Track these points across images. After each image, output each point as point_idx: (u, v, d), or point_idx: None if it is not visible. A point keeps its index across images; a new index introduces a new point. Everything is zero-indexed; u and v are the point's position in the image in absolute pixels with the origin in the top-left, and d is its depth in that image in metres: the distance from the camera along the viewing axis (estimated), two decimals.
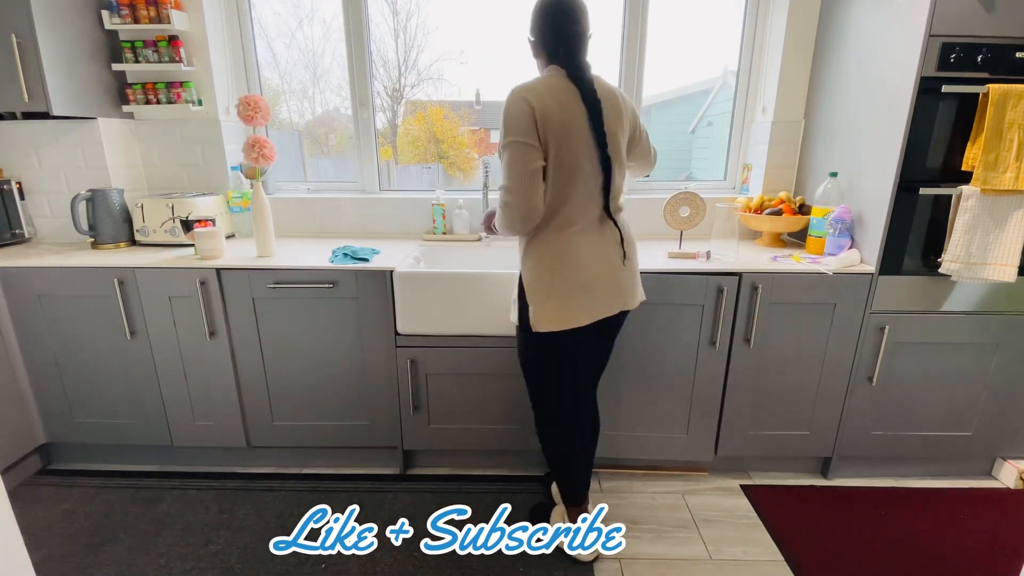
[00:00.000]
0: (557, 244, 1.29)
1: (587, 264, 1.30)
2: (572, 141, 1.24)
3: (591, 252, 1.31)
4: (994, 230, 1.58)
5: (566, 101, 1.24)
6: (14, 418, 1.85)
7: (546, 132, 1.22)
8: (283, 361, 1.85)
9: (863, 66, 1.76)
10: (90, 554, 1.58)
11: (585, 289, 1.31)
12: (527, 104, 1.21)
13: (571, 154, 1.24)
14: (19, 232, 2.05)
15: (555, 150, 1.24)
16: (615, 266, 1.35)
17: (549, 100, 1.22)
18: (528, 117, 1.21)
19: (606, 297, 1.34)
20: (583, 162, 1.26)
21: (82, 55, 1.92)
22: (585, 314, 1.32)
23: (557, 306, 1.30)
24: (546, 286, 1.30)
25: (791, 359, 1.79)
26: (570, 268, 1.29)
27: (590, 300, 1.32)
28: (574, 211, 1.29)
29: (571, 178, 1.26)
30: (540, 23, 1.29)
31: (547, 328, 1.32)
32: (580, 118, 1.24)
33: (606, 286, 1.33)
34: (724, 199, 2.20)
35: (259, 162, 1.78)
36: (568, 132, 1.23)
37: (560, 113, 1.22)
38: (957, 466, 1.96)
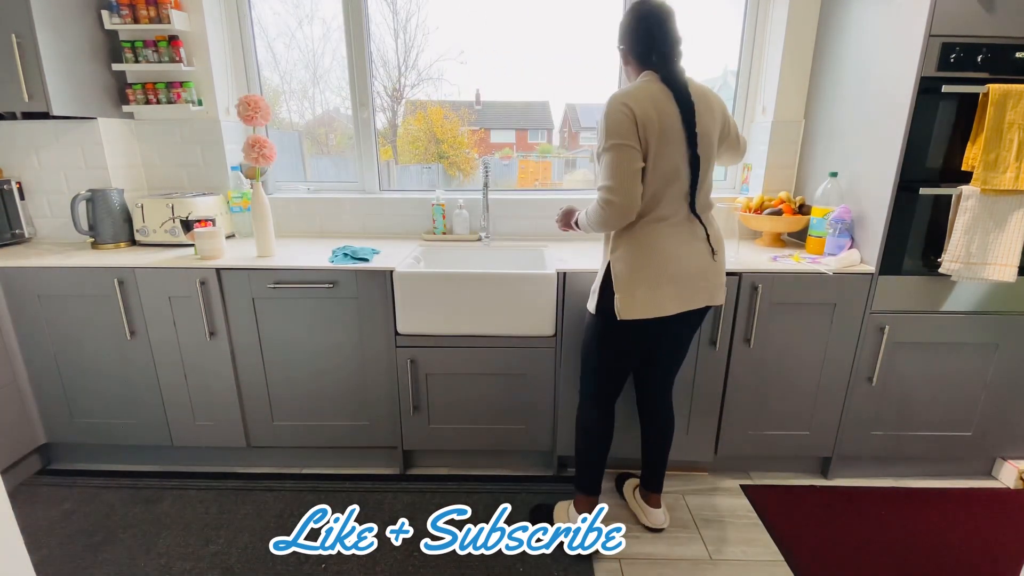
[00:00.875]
0: (649, 237, 1.34)
1: (678, 256, 1.35)
2: (669, 144, 1.29)
3: (682, 246, 1.36)
4: (994, 230, 1.58)
5: (663, 106, 1.28)
6: (14, 418, 1.85)
7: (646, 136, 1.27)
8: (283, 361, 1.85)
9: (863, 66, 1.76)
10: (90, 554, 1.58)
11: (674, 280, 1.35)
12: (627, 109, 1.26)
13: (668, 156, 1.29)
14: (19, 232, 2.05)
15: (654, 153, 1.29)
16: (705, 260, 1.39)
17: (647, 105, 1.27)
18: (629, 121, 1.26)
19: (694, 290, 1.38)
20: (679, 163, 1.31)
21: (82, 55, 1.92)
22: (673, 303, 1.36)
23: (646, 295, 1.35)
24: (637, 276, 1.35)
25: (791, 359, 1.79)
26: (661, 259, 1.34)
27: (679, 290, 1.36)
28: (666, 208, 1.34)
29: (667, 178, 1.31)
30: (633, 31, 1.33)
31: (635, 316, 1.36)
32: (676, 121, 1.29)
33: (695, 279, 1.37)
34: (724, 199, 2.20)
35: (259, 162, 1.78)
36: (666, 135, 1.28)
37: (658, 117, 1.27)
38: (957, 466, 1.96)
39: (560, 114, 2.45)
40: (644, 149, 1.28)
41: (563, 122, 2.47)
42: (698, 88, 1.34)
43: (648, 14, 1.31)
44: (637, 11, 1.32)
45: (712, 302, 1.42)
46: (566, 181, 2.48)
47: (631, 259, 1.35)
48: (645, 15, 1.31)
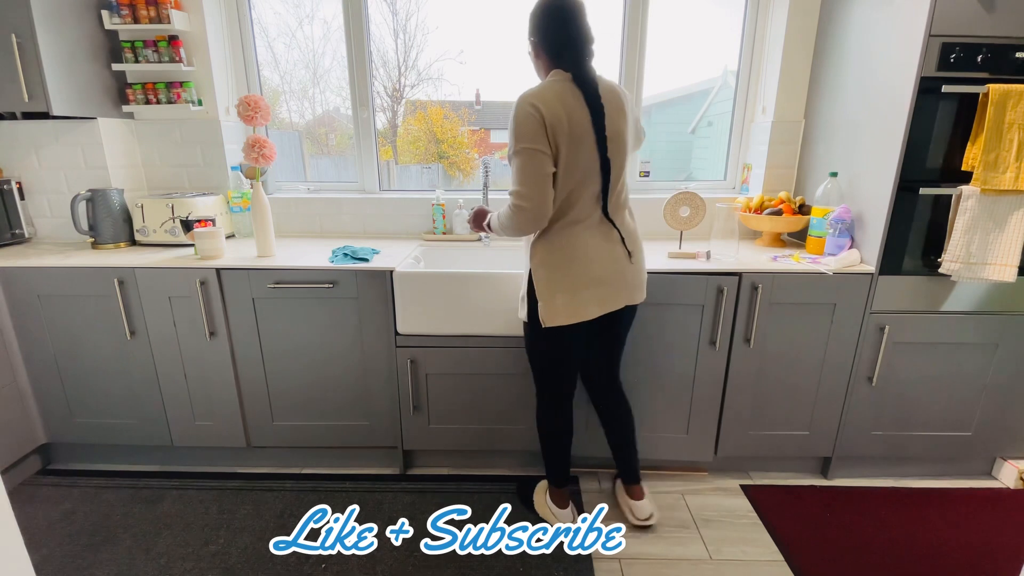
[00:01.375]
0: (565, 242, 1.34)
1: (595, 260, 1.35)
2: (580, 146, 1.27)
3: (598, 249, 1.36)
4: (994, 230, 1.58)
5: (572, 106, 1.25)
6: (14, 418, 1.85)
7: (556, 138, 1.24)
8: (283, 361, 1.85)
9: (863, 66, 1.76)
10: (90, 554, 1.58)
11: (594, 284, 1.36)
12: (536, 111, 1.23)
13: (579, 159, 1.28)
14: (19, 232, 2.05)
15: (565, 155, 1.26)
16: (622, 262, 1.39)
17: (557, 106, 1.24)
18: (538, 124, 1.23)
19: (614, 291, 1.39)
20: (589, 165, 1.30)
21: (82, 55, 1.92)
22: (595, 307, 1.37)
23: (567, 300, 1.35)
24: (556, 282, 1.35)
25: (791, 359, 1.79)
26: (580, 264, 1.34)
27: (599, 294, 1.37)
28: (580, 211, 1.33)
29: (579, 181, 1.30)
30: (542, 25, 1.29)
31: (556, 323, 1.37)
32: (586, 123, 1.27)
33: (614, 281, 1.38)
34: (724, 199, 2.20)
35: (259, 162, 1.78)
36: (575, 138, 1.26)
37: (568, 119, 1.24)
38: (957, 466, 1.96)
39: None
40: (554, 152, 1.25)
41: None
42: (607, 87, 1.32)
43: (561, 8, 1.26)
44: (547, 6, 1.28)
45: (632, 301, 1.44)
46: None
47: (550, 265, 1.35)
48: (558, 8, 1.27)
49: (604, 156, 1.29)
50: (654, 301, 1.72)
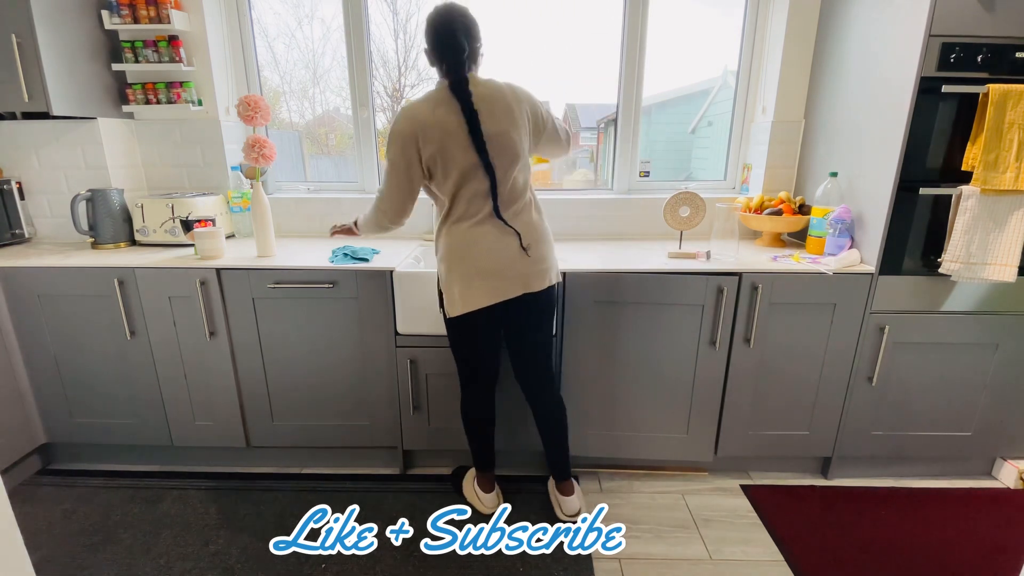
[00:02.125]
0: (456, 237, 1.44)
1: (484, 253, 1.42)
2: (451, 150, 1.36)
3: (487, 242, 1.43)
4: (994, 230, 1.58)
5: (444, 115, 1.35)
6: (14, 418, 1.85)
7: (426, 147, 1.36)
8: (283, 361, 1.85)
9: (863, 66, 1.76)
10: (90, 554, 1.58)
11: (483, 275, 1.43)
12: (407, 125, 1.36)
13: (451, 161, 1.37)
14: (19, 232, 2.05)
15: (438, 160, 1.38)
16: (514, 255, 1.45)
17: (428, 117, 1.35)
18: (409, 137, 1.37)
19: (504, 283, 1.45)
20: (465, 167, 1.37)
21: (82, 55, 1.92)
22: (485, 297, 1.44)
23: (461, 291, 1.44)
24: (452, 275, 1.45)
25: (791, 359, 1.79)
26: (471, 257, 1.43)
27: (489, 284, 1.44)
28: (467, 209, 1.42)
29: (457, 181, 1.39)
30: (426, 37, 1.39)
31: (455, 312, 1.47)
32: (459, 128, 1.35)
33: (504, 273, 1.44)
34: (724, 199, 2.19)
35: (259, 162, 1.78)
36: (445, 145, 1.35)
37: (439, 128, 1.35)
38: (957, 466, 1.96)
39: (560, 114, 2.45)
40: (426, 159, 1.38)
41: (563, 122, 2.47)
42: (492, 90, 1.39)
43: (433, 23, 1.36)
44: (428, 20, 1.37)
45: (528, 289, 1.47)
46: (566, 181, 2.48)
47: (446, 260, 1.46)
48: (431, 24, 1.36)
49: (484, 158, 1.36)
50: (654, 301, 1.72)
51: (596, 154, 2.47)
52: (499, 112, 1.38)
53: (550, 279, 1.51)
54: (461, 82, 1.35)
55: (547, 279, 1.50)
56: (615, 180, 2.32)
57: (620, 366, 1.80)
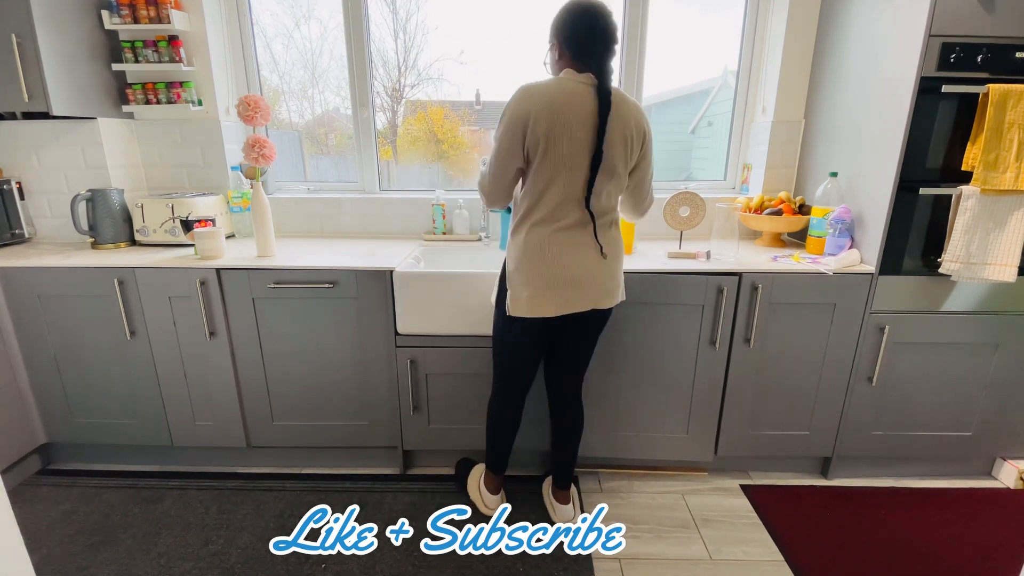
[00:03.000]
0: (539, 239, 1.36)
1: (565, 262, 1.36)
2: (566, 145, 1.27)
3: (571, 250, 1.36)
4: (994, 230, 1.58)
5: (573, 105, 1.26)
6: (14, 418, 1.85)
7: (537, 137, 1.27)
8: (283, 361, 1.85)
9: (863, 66, 1.76)
10: (90, 554, 1.58)
11: (558, 285, 1.37)
12: (525, 108, 1.26)
13: (562, 156, 1.28)
14: (19, 232, 2.05)
15: (544, 152, 1.28)
16: (593, 266, 1.39)
17: (547, 107, 1.25)
18: (522, 121, 1.27)
19: (578, 295, 1.40)
20: (575, 163, 1.29)
21: (82, 55, 1.92)
22: (554, 307, 1.39)
23: (532, 295, 1.38)
24: (524, 276, 1.38)
25: (791, 359, 1.79)
26: (548, 264, 1.36)
27: (562, 295, 1.38)
28: (558, 210, 1.34)
29: (557, 178, 1.31)
30: (574, 24, 1.29)
31: (519, 314, 1.41)
32: (581, 123, 1.27)
33: (579, 284, 1.39)
34: (724, 199, 2.20)
35: (259, 162, 1.78)
36: (561, 137, 1.26)
37: (559, 117, 1.25)
38: (957, 466, 1.96)
39: None
40: (531, 150, 1.29)
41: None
42: (622, 98, 1.32)
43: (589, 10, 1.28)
44: (579, 7, 1.29)
45: (597, 306, 1.43)
46: None
47: (522, 260, 1.38)
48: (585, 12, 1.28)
49: (599, 151, 1.28)
50: (654, 301, 1.72)
51: None
52: (624, 121, 1.31)
53: (618, 297, 1.48)
54: (606, 74, 1.28)
55: (616, 297, 1.47)
56: None
57: (620, 366, 1.80)
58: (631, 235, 1.93)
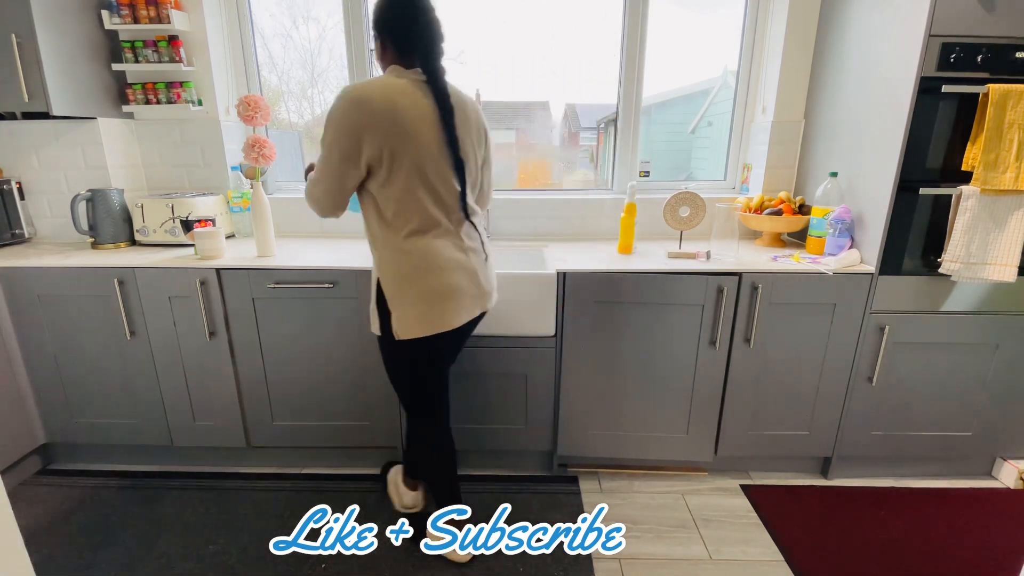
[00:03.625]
0: (418, 251, 1.26)
1: (451, 269, 1.28)
2: (415, 149, 1.19)
3: (452, 256, 1.29)
4: (994, 230, 1.58)
5: (409, 103, 1.18)
6: (14, 418, 1.85)
7: (379, 148, 1.17)
8: (283, 361, 1.85)
9: (863, 66, 1.76)
10: (90, 554, 1.58)
11: (448, 295, 1.29)
12: (356, 117, 1.16)
13: (415, 162, 1.20)
14: (19, 232, 2.05)
15: (391, 161, 1.19)
16: (478, 268, 1.35)
17: (383, 112, 1.16)
18: (354, 132, 1.17)
19: (467, 301, 1.33)
20: (428, 165, 1.21)
21: (82, 55, 1.92)
22: (453, 317, 1.30)
23: (424, 311, 1.27)
24: (409, 294, 1.27)
25: (791, 359, 1.79)
26: (434, 274, 1.26)
27: (455, 305, 1.30)
28: (429, 217, 1.26)
29: (417, 183, 1.22)
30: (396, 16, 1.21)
31: (413, 335, 1.29)
32: (424, 124, 1.19)
33: (467, 290, 1.32)
34: (724, 199, 2.20)
35: (259, 162, 1.78)
36: (407, 141, 1.18)
37: (399, 123, 1.17)
38: (957, 466, 1.96)
39: (560, 114, 2.45)
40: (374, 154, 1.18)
41: (563, 122, 2.47)
42: (460, 95, 1.29)
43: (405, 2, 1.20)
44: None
45: (485, 308, 1.40)
46: (566, 181, 2.48)
47: (400, 276, 1.27)
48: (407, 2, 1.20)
49: (456, 155, 1.23)
50: (654, 301, 1.72)
51: (596, 154, 2.47)
52: (469, 119, 1.28)
53: (493, 299, 1.43)
54: (438, 70, 1.21)
55: (495, 295, 1.43)
56: (615, 180, 2.32)
57: (620, 366, 1.80)
58: (631, 235, 1.93)
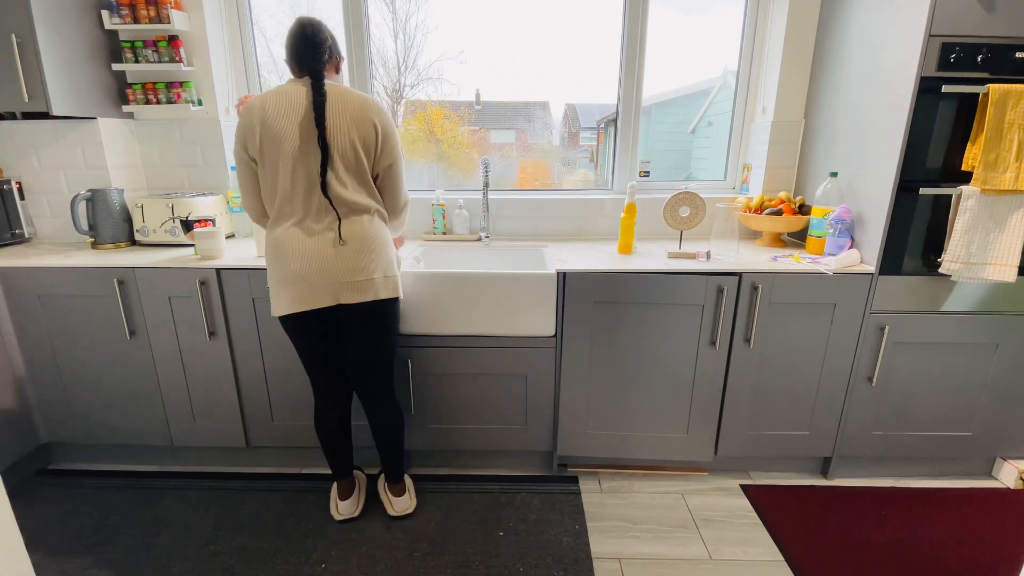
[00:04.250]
0: (273, 237, 1.40)
1: (294, 257, 1.37)
2: (280, 141, 1.32)
3: (300, 245, 1.37)
4: (994, 230, 1.58)
5: (285, 101, 1.33)
6: (14, 418, 1.85)
7: (257, 144, 1.34)
8: (283, 361, 1.85)
9: (863, 66, 1.76)
10: (90, 554, 1.58)
11: (290, 281, 1.38)
12: (244, 122, 1.35)
13: (279, 153, 1.34)
14: (19, 232, 2.05)
15: (261, 154, 1.35)
16: (327, 261, 1.38)
17: (259, 112, 1.33)
18: (242, 135, 1.36)
19: (312, 290, 1.39)
20: (298, 157, 1.33)
21: (82, 55, 1.92)
22: (291, 304, 1.40)
23: (275, 293, 1.42)
24: (270, 275, 1.43)
25: (791, 359, 1.79)
26: (281, 259, 1.38)
27: (297, 291, 1.39)
28: (287, 205, 1.38)
29: (278, 174, 1.36)
30: (287, 41, 1.40)
31: (273, 313, 1.44)
32: (298, 111, 1.32)
33: (311, 279, 1.38)
34: (724, 199, 2.20)
35: None
36: (274, 135, 1.32)
37: (275, 111, 1.32)
38: (957, 466, 1.96)
39: (560, 114, 2.45)
40: (257, 149, 1.35)
41: (563, 122, 2.47)
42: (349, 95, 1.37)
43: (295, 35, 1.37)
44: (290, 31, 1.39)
45: (340, 301, 1.41)
46: (566, 181, 2.48)
47: (267, 259, 1.44)
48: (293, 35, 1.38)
49: (323, 140, 1.32)
50: (654, 301, 1.72)
51: (596, 154, 2.47)
52: (349, 110, 1.35)
53: (374, 293, 1.43)
54: (318, 75, 1.34)
55: (369, 292, 1.42)
56: (615, 180, 2.32)
57: (620, 366, 1.80)
58: (631, 235, 1.93)
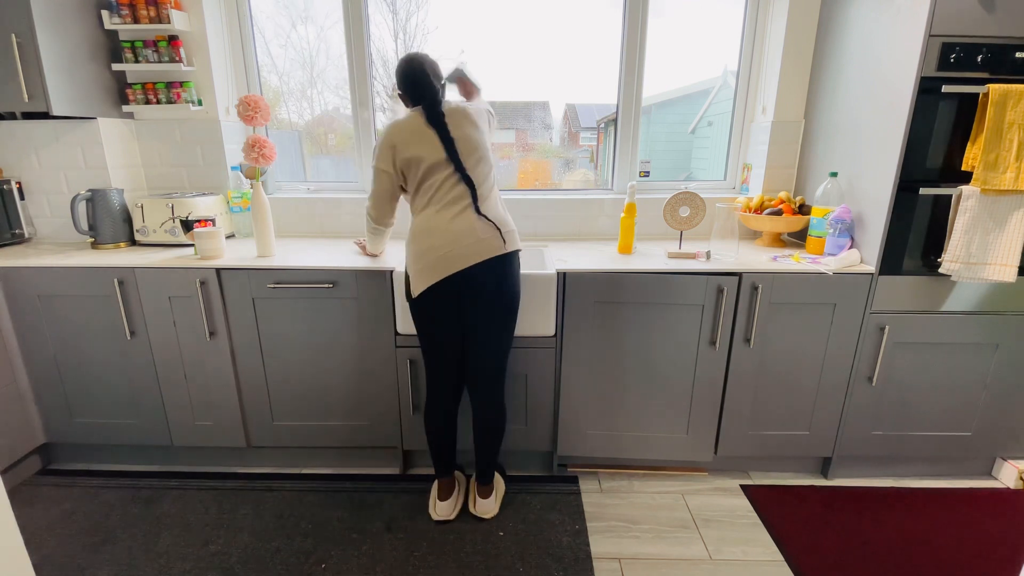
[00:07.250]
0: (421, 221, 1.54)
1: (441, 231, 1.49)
2: (421, 165, 1.51)
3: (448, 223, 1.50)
4: (994, 230, 1.58)
5: (416, 135, 1.52)
6: (14, 418, 1.85)
7: (401, 161, 1.53)
8: (283, 361, 1.85)
9: (863, 66, 1.76)
10: (90, 554, 1.58)
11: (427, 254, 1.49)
12: (389, 141, 1.53)
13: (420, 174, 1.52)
14: (19, 232, 2.05)
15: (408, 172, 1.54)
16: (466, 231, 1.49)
17: (406, 135, 1.52)
18: (388, 151, 1.53)
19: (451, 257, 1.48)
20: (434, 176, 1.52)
21: (82, 55, 1.92)
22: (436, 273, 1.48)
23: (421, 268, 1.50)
24: (411, 257, 1.53)
25: (791, 359, 1.79)
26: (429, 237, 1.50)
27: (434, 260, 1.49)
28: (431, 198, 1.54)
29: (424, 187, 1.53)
30: (399, 81, 1.57)
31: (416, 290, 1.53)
32: (430, 145, 1.50)
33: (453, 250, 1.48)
34: (724, 199, 2.20)
35: (259, 162, 1.78)
36: (418, 159, 1.51)
37: (413, 144, 1.51)
38: (957, 466, 1.96)
39: (560, 114, 2.45)
40: (401, 172, 1.55)
41: (563, 122, 2.47)
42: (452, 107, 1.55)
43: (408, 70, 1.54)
44: (401, 67, 1.55)
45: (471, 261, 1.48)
46: (566, 181, 2.48)
47: (408, 245, 1.56)
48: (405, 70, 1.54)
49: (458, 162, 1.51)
50: (654, 301, 1.72)
51: (596, 154, 2.47)
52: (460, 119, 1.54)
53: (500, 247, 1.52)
54: (435, 111, 1.53)
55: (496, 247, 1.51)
56: (615, 180, 2.32)
57: (620, 366, 1.80)
58: (631, 235, 1.93)
